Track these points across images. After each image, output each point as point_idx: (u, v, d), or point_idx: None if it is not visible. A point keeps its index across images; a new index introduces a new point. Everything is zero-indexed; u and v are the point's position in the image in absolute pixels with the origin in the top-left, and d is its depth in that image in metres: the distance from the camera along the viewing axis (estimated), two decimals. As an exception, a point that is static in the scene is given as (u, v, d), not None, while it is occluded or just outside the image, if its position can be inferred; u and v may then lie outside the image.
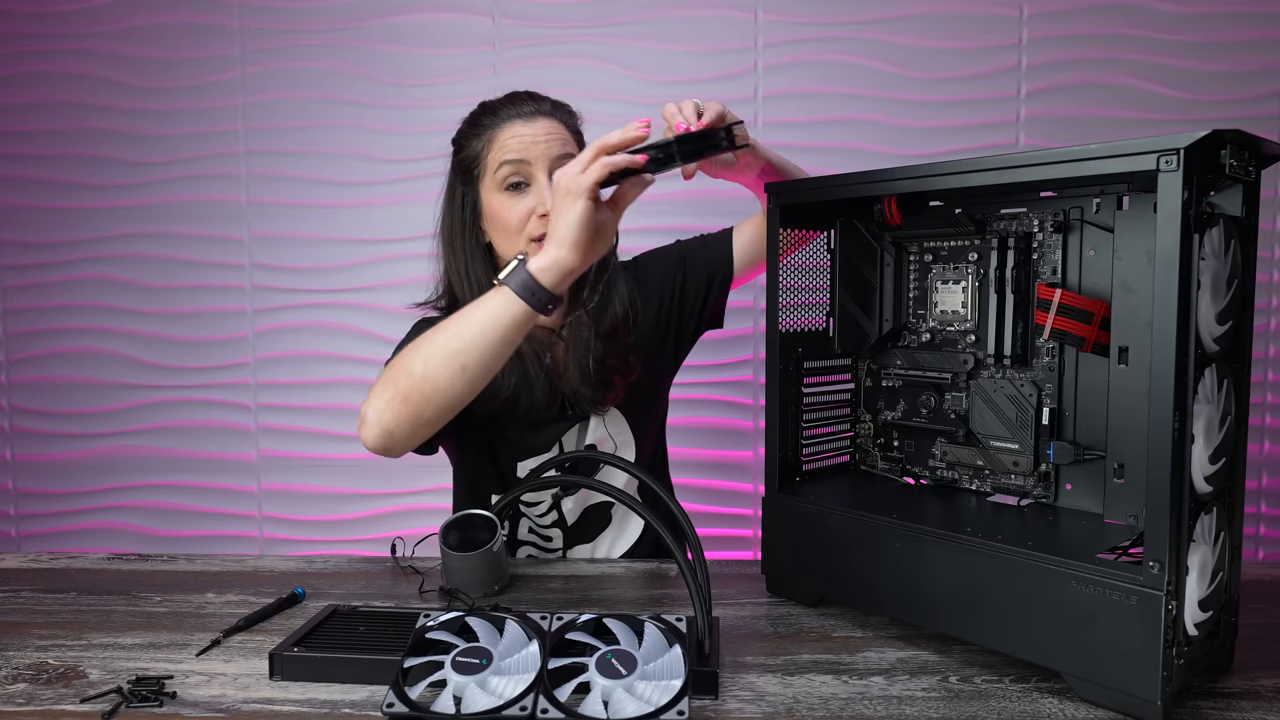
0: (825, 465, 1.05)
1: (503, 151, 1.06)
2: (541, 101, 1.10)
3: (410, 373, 0.86)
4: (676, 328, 1.22)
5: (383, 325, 1.82)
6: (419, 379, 0.86)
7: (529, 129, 1.06)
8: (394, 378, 0.87)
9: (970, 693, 0.74)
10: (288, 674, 0.78)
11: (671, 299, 1.20)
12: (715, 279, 1.22)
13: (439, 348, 0.86)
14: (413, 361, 0.87)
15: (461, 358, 0.85)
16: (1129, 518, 0.83)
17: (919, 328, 0.99)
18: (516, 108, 1.08)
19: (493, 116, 1.08)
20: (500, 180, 1.06)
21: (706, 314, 1.24)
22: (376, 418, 0.87)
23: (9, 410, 1.91)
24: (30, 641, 0.87)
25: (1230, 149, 0.68)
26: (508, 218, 1.06)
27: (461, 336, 0.86)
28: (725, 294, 1.24)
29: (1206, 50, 1.67)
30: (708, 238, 1.25)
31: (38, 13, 1.82)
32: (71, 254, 1.86)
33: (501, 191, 1.06)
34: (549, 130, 1.06)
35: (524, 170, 1.06)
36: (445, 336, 0.86)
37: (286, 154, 1.81)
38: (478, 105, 1.13)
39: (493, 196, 1.07)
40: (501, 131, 1.06)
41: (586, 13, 1.73)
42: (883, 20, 1.70)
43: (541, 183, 1.05)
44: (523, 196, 1.06)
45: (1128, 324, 0.81)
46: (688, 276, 1.21)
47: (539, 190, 1.05)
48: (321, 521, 1.87)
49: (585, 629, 0.77)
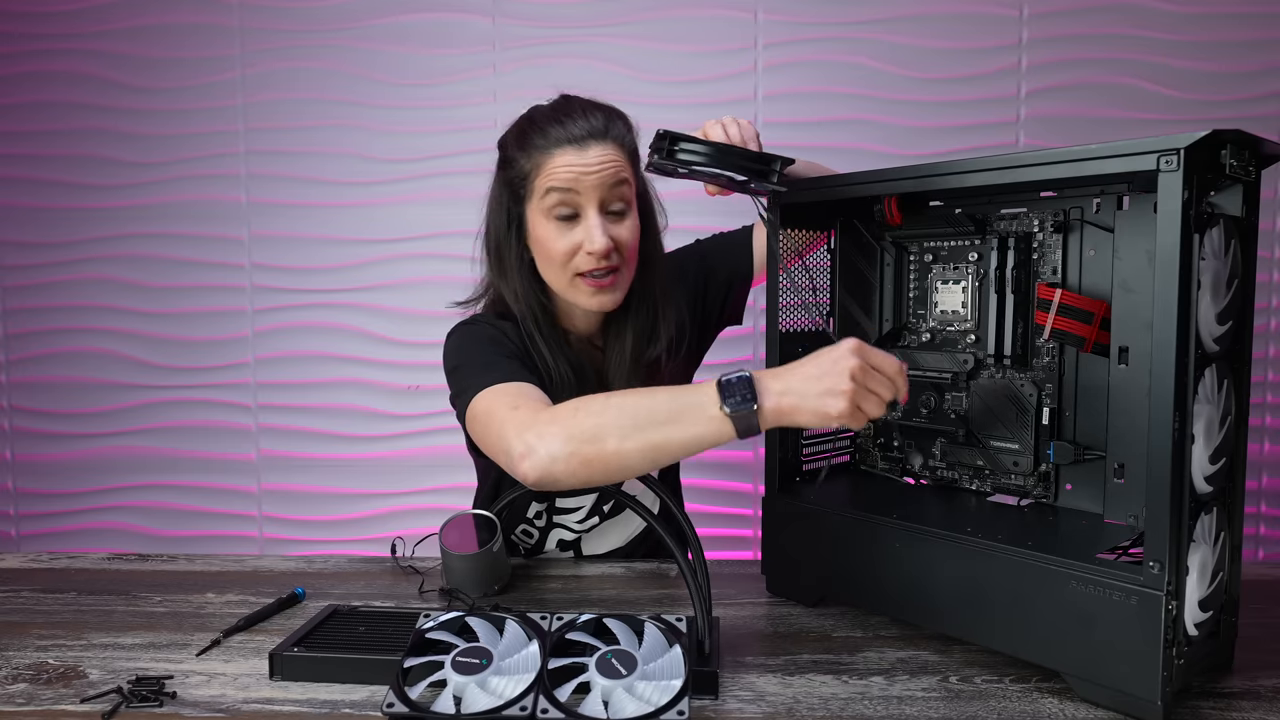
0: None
1: (550, 179, 0.99)
2: (594, 117, 1.01)
3: (600, 443, 0.81)
4: (701, 327, 1.22)
5: (382, 325, 1.82)
6: (610, 454, 0.81)
7: (581, 159, 0.98)
8: (580, 435, 0.82)
9: (970, 693, 0.74)
10: (288, 674, 0.78)
11: (694, 300, 1.20)
12: (735, 278, 1.22)
13: (638, 436, 0.81)
14: (606, 433, 0.81)
15: (659, 455, 0.82)
16: (1129, 518, 0.83)
17: (919, 328, 0.99)
18: (567, 129, 0.99)
19: (543, 137, 1.00)
20: (547, 208, 1.00)
21: (727, 312, 1.24)
22: (549, 463, 0.82)
23: (9, 410, 1.91)
24: (30, 641, 0.87)
25: (1230, 149, 0.68)
26: (553, 249, 1.01)
27: (670, 441, 0.81)
28: (745, 293, 1.24)
29: (1206, 50, 1.67)
30: (728, 237, 1.25)
31: (38, 13, 1.82)
32: (71, 254, 1.86)
33: (549, 220, 1.01)
34: (602, 158, 0.99)
35: (572, 201, 0.99)
36: (649, 432, 0.81)
37: (286, 154, 1.81)
38: (527, 113, 1.05)
39: (539, 222, 1.02)
40: (550, 158, 0.99)
41: (586, 13, 1.73)
42: (883, 20, 1.70)
43: (590, 216, 0.99)
44: (570, 229, 1.00)
45: (1128, 324, 0.81)
46: (710, 277, 1.21)
47: (587, 224, 0.99)
48: (321, 521, 1.87)
49: (585, 629, 0.77)
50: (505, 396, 0.92)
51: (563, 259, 1.00)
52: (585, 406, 0.84)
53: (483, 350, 1.02)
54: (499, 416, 0.89)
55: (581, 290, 1.02)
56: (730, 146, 0.89)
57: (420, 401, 1.82)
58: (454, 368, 1.02)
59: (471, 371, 0.97)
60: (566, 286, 1.03)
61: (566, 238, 1.00)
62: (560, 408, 0.85)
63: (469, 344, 1.04)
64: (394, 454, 1.84)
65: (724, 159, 0.87)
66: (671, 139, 0.86)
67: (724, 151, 0.87)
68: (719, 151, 0.87)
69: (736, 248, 1.22)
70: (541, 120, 1.02)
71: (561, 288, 1.03)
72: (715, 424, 0.79)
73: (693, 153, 0.86)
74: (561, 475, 0.82)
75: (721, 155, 0.87)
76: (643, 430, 0.81)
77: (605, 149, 1.00)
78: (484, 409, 0.92)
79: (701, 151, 0.86)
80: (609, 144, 1.00)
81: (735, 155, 0.87)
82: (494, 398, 0.92)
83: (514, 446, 0.84)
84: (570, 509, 1.14)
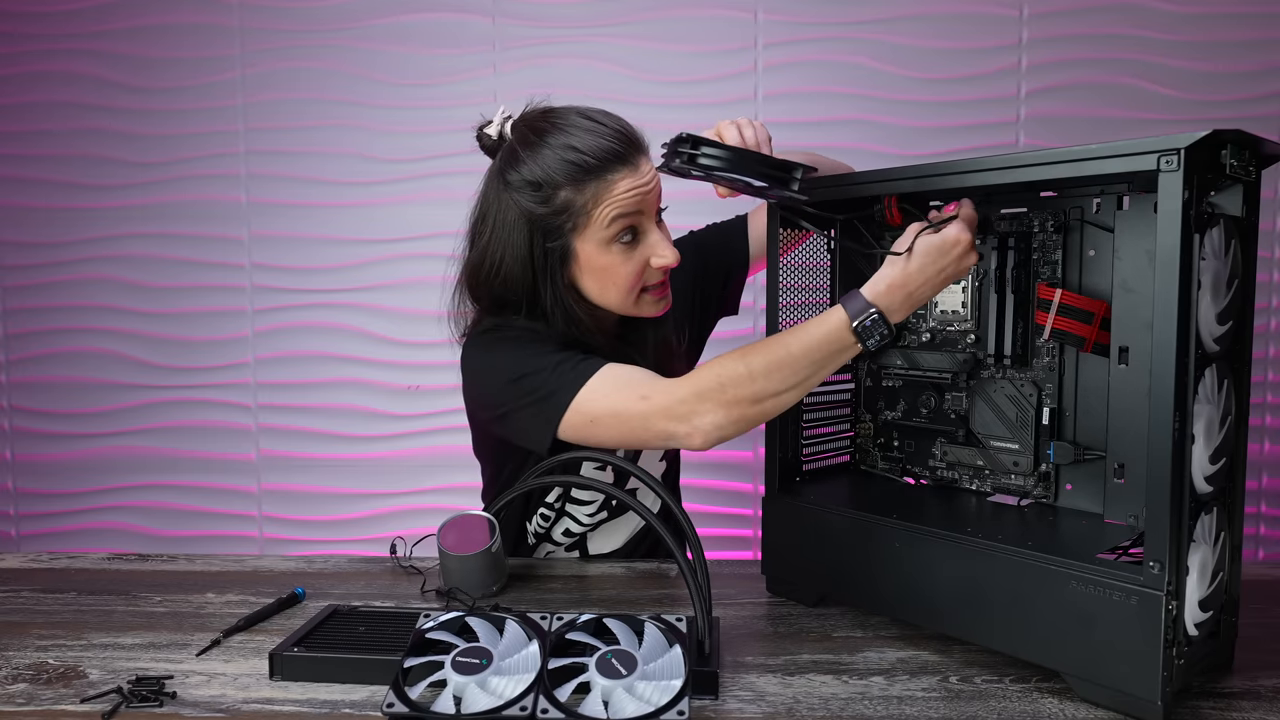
0: (825, 465, 1.05)
1: (615, 206, 0.95)
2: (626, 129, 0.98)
3: (758, 404, 0.87)
4: (700, 318, 1.23)
5: (382, 325, 1.82)
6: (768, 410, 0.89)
7: (639, 180, 0.96)
8: (735, 400, 0.87)
9: (970, 693, 0.74)
10: (288, 674, 0.78)
11: (692, 290, 1.20)
12: (733, 269, 1.23)
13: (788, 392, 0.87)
14: (762, 394, 0.87)
15: (806, 386, 0.88)
16: (1129, 518, 0.83)
17: (919, 328, 0.99)
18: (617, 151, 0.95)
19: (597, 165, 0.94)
20: (611, 236, 0.96)
21: (726, 301, 1.25)
22: (715, 431, 0.88)
23: (9, 410, 1.91)
24: (30, 641, 0.87)
25: (1230, 149, 0.68)
26: (622, 274, 0.98)
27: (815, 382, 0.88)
28: (742, 283, 1.25)
29: (1206, 50, 1.67)
30: (723, 227, 1.25)
31: (38, 13, 1.82)
32: (71, 254, 1.86)
33: (610, 247, 0.97)
34: (651, 172, 0.97)
35: (637, 223, 0.97)
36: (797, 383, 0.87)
37: (286, 154, 1.81)
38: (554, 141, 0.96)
39: (598, 251, 0.97)
40: (610, 186, 0.94)
41: (586, 13, 1.73)
42: (883, 20, 1.70)
43: (653, 233, 0.99)
44: (634, 250, 0.98)
45: (1128, 324, 0.81)
46: (706, 268, 1.21)
47: (651, 241, 0.98)
48: (321, 521, 1.87)
49: (585, 629, 0.77)
50: (621, 387, 0.92)
51: (632, 281, 0.99)
52: (731, 374, 0.88)
53: (543, 351, 0.97)
54: (632, 408, 0.90)
55: (647, 303, 1.02)
56: (753, 153, 0.88)
57: (420, 401, 1.82)
58: (520, 376, 0.95)
59: (551, 373, 0.93)
60: (633, 305, 1.02)
61: (634, 259, 0.98)
62: (702, 381, 0.89)
63: (524, 349, 0.98)
64: (394, 454, 1.84)
65: (746, 165, 0.86)
66: (693, 143, 0.85)
67: (746, 158, 0.86)
68: (741, 158, 0.86)
69: (733, 236, 1.23)
70: (584, 147, 0.95)
71: (626, 307, 1.02)
72: (853, 354, 0.87)
73: (715, 158, 0.85)
74: (730, 434, 0.89)
75: (744, 161, 0.86)
76: (795, 385, 0.87)
77: (647, 160, 0.98)
78: (604, 408, 0.91)
79: (724, 157, 0.85)
80: (644, 154, 0.98)
81: (757, 162, 0.87)
82: (610, 393, 0.92)
83: (674, 430, 0.89)
84: (584, 500, 1.15)
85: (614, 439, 0.93)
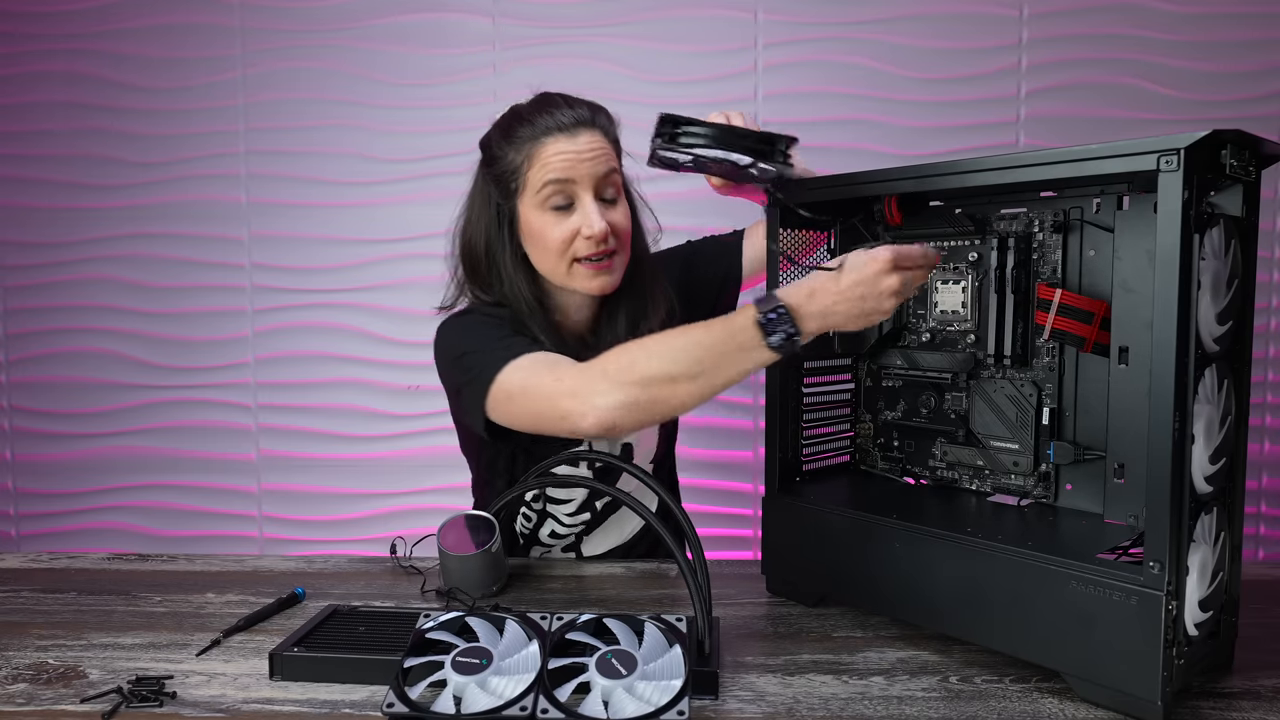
0: (825, 465, 1.05)
1: (545, 170, 1.00)
2: (579, 108, 1.03)
3: (653, 388, 0.85)
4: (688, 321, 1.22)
5: (382, 325, 1.82)
6: (663, 398, 0.85)
7: (573, 145, 1.00)
8: (630, 381, 0.85)
9: (970, 693, 0.74)
10: (288, 674, 0.78)
11: (681, 294, 1.20)
12: (728, 281, 1.23)
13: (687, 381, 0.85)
14: (655, 377, 0.85)
15: (708, 392, 0.86)
16: (1129, 518, 0.83)
17: (919, 328, 0.99)
18: (554, 117, 1.01)
19: (530, 128, 1.01)
20: (543, 200, 1.01)
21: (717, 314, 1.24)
22: (606, 413, 0.86)
23: (9, 410, 1.91)
24: (30, 641, 0.87)
25: (1230, 149, 0.68)
26: (551, 238, 1.01)
27: (717, 380, 0.85)
28: (735, 297, 1.24)
29: (1206, 50, 1.66)
30: (720, 239, 1.26)
31: (38, 13, 1.82)
32: (71, 254, 1.86)
33: (544, 210, 1.01)
34: (592, 145, 1.01)
35: (569, 190, 1.00)
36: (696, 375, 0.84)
37: (286, 154, 1.81)
38: (508, 111, 1.06)
39: (534, 214, 1.02)
40: (543, 147, 1.00)
41: (586, 13, 1.73)
42: (883, 20, 1.70)
43: (586, 202, 1.01)
44: (566, 217, 1.01)
45: (1128, 324, 0.81)
46: (695, 278, 1.22)
47: (584, 210, 1.01)
48: (321, 521, 1.87)
49: (585, 629, 0.77)
50: (539, 367, 0.93)
51: (560, 246, 1.02)
52: (630, 356, 0.87)
53: (489, 333, 1.02)
54: (543, 386, 0.91)
55: (580, 274, 1.03)
56: (733, 127, 0.89)
57: (420, 401, 1.82)
58: (461, 354, 1.01)
59: (486, 353, 0.97)
60: (565, 274, 1.03)
61: (565, 225, 1.01)
62: (606, 361, 0.88)
63: (472, 330, 1.04)
64: (394, 454, 1.84)
65: (728, 140, 0.87)
66: (674, 121, 0.86)
67: (727, 132, 0.87)
68: (722, 132, 0.87)
69: (728, 251, 1.23)
70: (527, 114, 1.03)
71: (560, 276, 1.04)
72: (760, 356, 0.83)
73: (696, 135, 0.86)
74: (621, 422, 0.86)
75: (725, 136, 0.87)
76: (691, 374, 0.85)
77: (594, 136, 1.02)
78: (518, 384, 0.93)
79: (704, 134, 0.86)
80: (596, 132, 1.02)
81: (739, 136, 0.88)
82: (527, 371, 0.93)
83: (571, 408, 0.87)
84: (561, 500, 1.15)
85: (528, 418, 0.94)
